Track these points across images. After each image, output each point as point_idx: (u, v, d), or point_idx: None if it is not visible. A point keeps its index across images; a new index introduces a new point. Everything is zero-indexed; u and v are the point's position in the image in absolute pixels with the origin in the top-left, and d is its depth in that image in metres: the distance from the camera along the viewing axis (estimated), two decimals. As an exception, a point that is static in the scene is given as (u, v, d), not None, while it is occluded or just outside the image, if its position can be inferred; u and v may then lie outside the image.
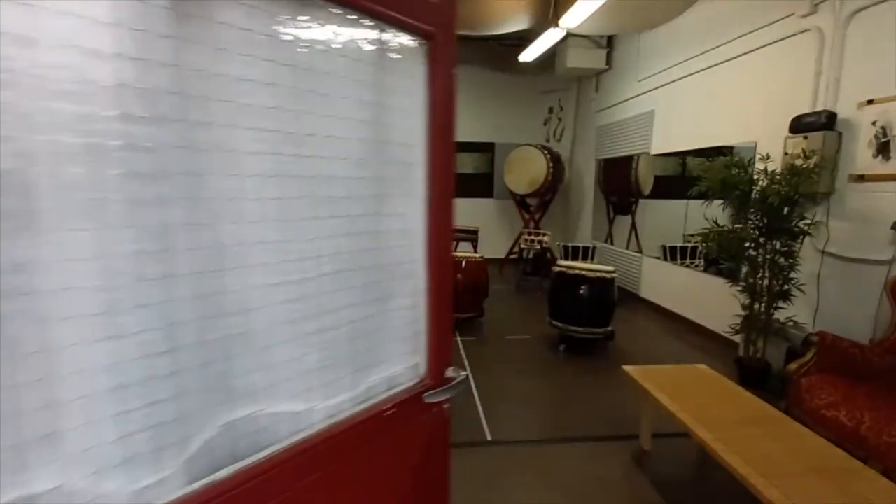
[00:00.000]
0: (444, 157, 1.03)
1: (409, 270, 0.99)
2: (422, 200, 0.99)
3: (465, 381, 1.10)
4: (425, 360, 1.03)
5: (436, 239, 1.00)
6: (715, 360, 3.74)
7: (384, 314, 0.95)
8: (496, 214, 8.08)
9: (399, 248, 0.97)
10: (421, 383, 1.02)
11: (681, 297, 4.79)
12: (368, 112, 0.88)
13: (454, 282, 3.53)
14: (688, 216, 5.33)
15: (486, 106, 7.78)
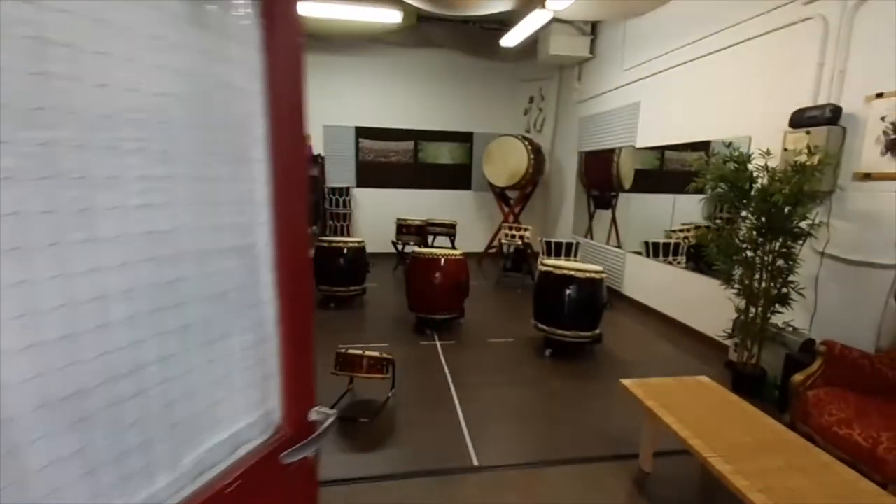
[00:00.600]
0: (291, 149, 0.82)
1: (250, 299, 0.79)
2: (265, 206, 0.78)
3: (333, 425, 0.90)
4: (280, 406, 0.84)
5: (285, 254, 0.81)
6: (705, 364, 3.59)
7: (217, 361, 0.73)
8: (474, 207, 7.80)
9: (233, 272, 0.75)
10: (275, 437, 0.83)
11: (666, 297, 4.64)
12: (180, 84, 0.63)
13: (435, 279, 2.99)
14: (668, 211, 5.20)
15: (464, 93, 7.45)
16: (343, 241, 4.67)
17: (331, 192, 6.92)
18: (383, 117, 7.26)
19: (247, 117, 0.74)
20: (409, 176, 7.47)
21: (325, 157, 7.15)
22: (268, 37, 0.74)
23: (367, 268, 4.88)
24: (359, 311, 4.66)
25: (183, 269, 0.66)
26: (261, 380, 0.81)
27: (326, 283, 4.70)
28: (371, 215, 7.43)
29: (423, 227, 6.30)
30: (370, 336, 3.95)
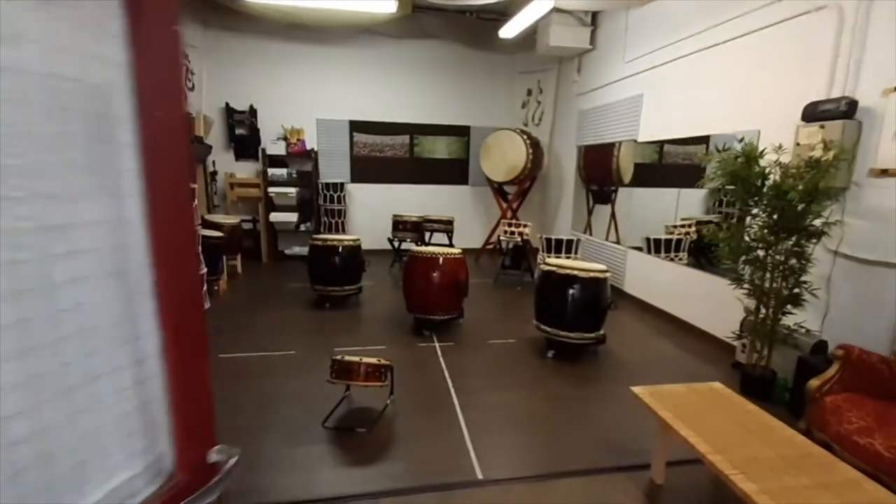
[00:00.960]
0: (171, 153, 0.71)
1: (123, 333, 0.67)
2: (138, 224, 0.67)
3: (236, 466, 0.82)
4: (172, 451, 0.75)
5: (168, 277, 0.70)
6: (711, 365, 3.50)
7: (82, 410, 0.62)
8: (472, 203, 7.66)
9: (98, 305, 0.63)
10: (168, 486, 0.73)
11: (669, 295, 4.55)
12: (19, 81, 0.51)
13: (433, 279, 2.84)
14: (668, 206, 5.09)
15: (460, 86, 7.28)
16: (337, 239, 4.52)
17: (324, 187, 6.76)
18: (378, 111, 7.09)
19: (108, 121, 0.63)
20: (404, 171, 7.32)
21: (319, 151, 6.97)
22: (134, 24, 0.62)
23: (363, 266, 4.74)
24: (355, 311, 4.53)
25: (26, 309, 0.54)
26: (144, 423, 0.71)
27: (321, 282, 4.56)
28: (366, 211, 7.28)
29: (420, 224, 6.16)
30: (367, 338, 3.83)
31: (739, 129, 3.65)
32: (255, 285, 5.46)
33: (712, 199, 4.76)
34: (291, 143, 6.61)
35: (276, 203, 6.70)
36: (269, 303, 4.73)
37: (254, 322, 4.15)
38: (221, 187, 6.76)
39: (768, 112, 3.40)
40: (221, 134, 6.74)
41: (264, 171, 6.56)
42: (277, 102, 6.79)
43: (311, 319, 4.27)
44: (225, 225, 5.46)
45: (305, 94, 6.85)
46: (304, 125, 6.85)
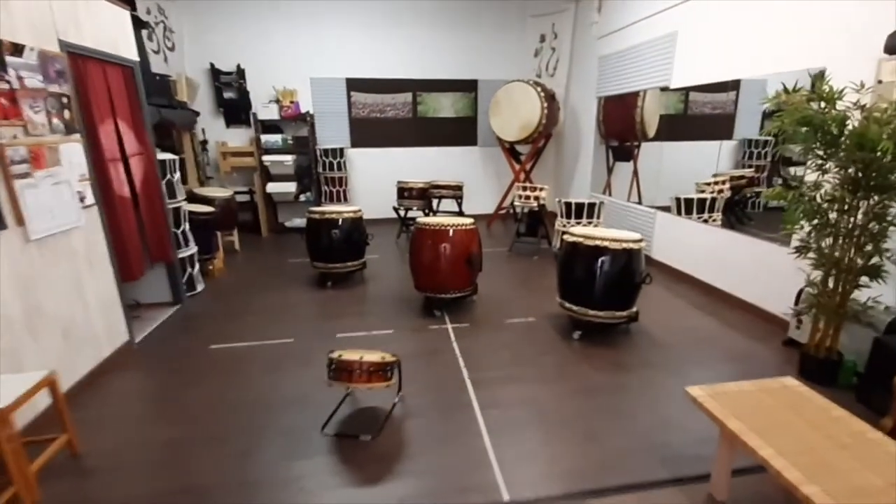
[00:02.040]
0: None
1: None
2: None
3: None
4: None
5: None
6: (760, 342, 3.10)
7: None
8: (481, 164, 7.13)
9: None
10: None
11: (704, 261, 4.10)
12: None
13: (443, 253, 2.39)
14: (695, 161, 4.57)
15: (466, 34, 6.59)
16: (336, 211, 4.10)
17: (323, 154, 6.27)
18: (376, 67, 6.47)
19: None
20: (408, 133, 6.77)
21: (315, 114, 6.44)
22: None
23: (366, 240, 4.34)
24: (359, 290, 4.18)
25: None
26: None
27: (321, 259, 4.19)
28: (369, 178, 6.81)
29: (427, 191, 5.70)
30: (372, 321, 3.48)
31: (798, 68, 3.08)
32: (253, 262, 5.11)
33: (741, 152, 4.25)
34: (284, 105, 6.08)
35: (273, 172, 6.25)
36: (267, 282, 4.39)
37: (249, 306, 3.82)
38: (214, 158, 6.32)
39: (836, 45, 2.82)
40: (208, 98, 6.22)
41: (257, 139, 6.08)
42: (267, 61, 6.21)
43: (312, 301, 3.92)
44: (217, 199, 5.06)
45: (297, 50, 6.25)
46: (297, 86, 6.29)
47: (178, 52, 5.87)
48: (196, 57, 6.06)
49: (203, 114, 6.19)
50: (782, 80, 3.13)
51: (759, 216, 3.96)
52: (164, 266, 3.80)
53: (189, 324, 3.51)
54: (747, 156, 4.16)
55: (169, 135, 5.32)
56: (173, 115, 4.80)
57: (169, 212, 3.78)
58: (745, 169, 4.24)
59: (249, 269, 4.90)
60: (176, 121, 4.82)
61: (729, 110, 4.17)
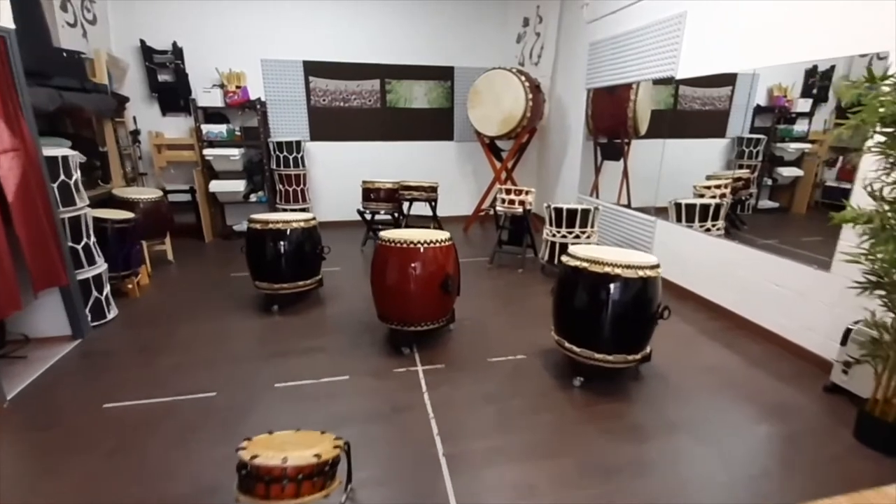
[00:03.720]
0: None
1: None
2: None
3: None
4: None
5: None
6: (794, 386, 2.56)
7: None
8: (458, 161, 6.46)
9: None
10: None
11: (713, 279, 3.56)
12: None
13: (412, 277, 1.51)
14: (686, 161, 4.10)
15: (441, 15, 5.88)
16: (283, 220, 3.37)
17: (277, 148, 5.47)
18: (339, 49, 5.69)
19: None
20: (375, 125, 6.03)
21: (267, 102, 5.62)
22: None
23: (322, 253, 3.63)
24: (312, 315, 3.46)
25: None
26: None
27: (265, 278, 3.44)
28: (331, 176, 6.04)
29: (396, 192, 4.99)
30: (323, 362, 2.78)
31: (850, 51, 2.52)
32: (189, 277, 4.31)
33: (733, 150, 3.75)
34: (229, 91, 5.24)
35: (217, 168, 5.42)
36: (200, 305, 3.62)
37: (169, 340, 3.05)
38: (148, 151, 5.43)
39: (903, 23, 2.27)
40: (140, 81, 5.32)
41: (197, 129, 5.23)
42: (209, 39, 5.35)
43: (251, 332, 3.19)
44: (141, 202, 4.22)
45: (245, 27, 5.40)
46: (244, 68, 5.45)
47: (102, 25, 4.95)
48: (123, 32, 5.15)
49: (134, 99, 5.30)
50: (801, 69, 2.59)
51: (751, 219, 3.54)
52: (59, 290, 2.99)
53: (86, 368, 2.73)
54: (740, 155, 3.69)
55: (88, 124, 4.44)
56: (84, 99, 3.93)
57: (62, 223, 2.97)
58: (741, 170, 3.80)
59: (182, 286, 4.10)
60: (86, 106, 3.95)
61: (722, 106, 3.70)
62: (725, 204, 3.82)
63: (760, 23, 3.05)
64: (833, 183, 2.81)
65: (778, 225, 3.39)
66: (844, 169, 2.76)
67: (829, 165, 2.84)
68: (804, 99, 2.88)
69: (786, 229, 3.26)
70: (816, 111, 2.91)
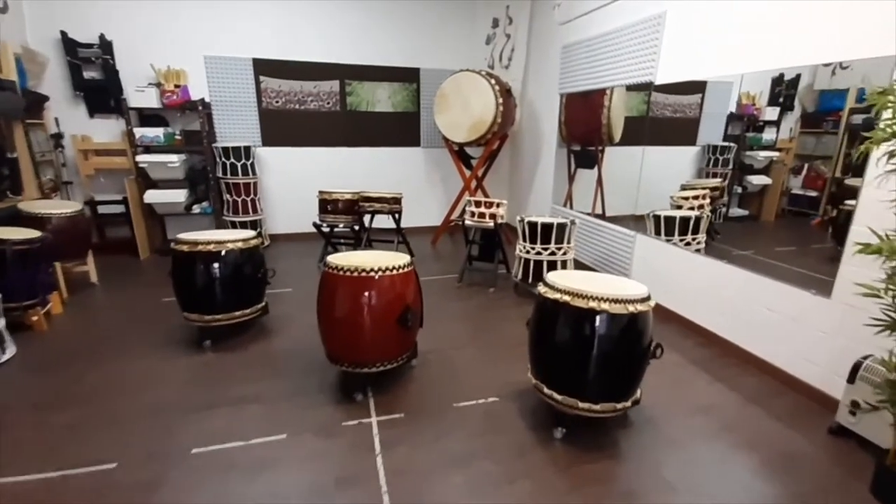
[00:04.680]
0: None
1: None
2: None
3: None
4: None
5: None
6: (796, 429, 2.28)
7: None
8: (425, 169, 6.07)
9: None
10: None
11: (698, 300, 3.29)
12: None
13: (365, 310, 1.53)
14: (659, 169, 3.89)
15: (407, 14, 5.49)
16: (216, 240, 2.88)
17: (223, 154, 4.93)
18: (293, 46, 5.21)
19: None
20: (335, 129, 5.57)
21: (212, 103, 5.08)
22: None
23: (265, 276, 3.16)
24: (252, 351, 2.98)
25: None
26: None
27: (195, 308, 2.95)
28: (285, 184, 5.54)
29: (356, 203, 4.55)
30: (257, 416, 2.32)
31: (859, 55, 2.28)
32: (112, 304, 3.74)
33: (704, 158, 3.59)
34: (167, 90, 4.68)
35: (154, 177, 4.83)
36: (117, 341, 3.08)
37: (73, 387, 2.52)
38: (72, 157, 4.79)
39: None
40: (63, 78, 4.69)
41: (130, 132, 4.64)
42: (142, 32, 4.77)
43: (175, 375, 2.68)
44: (52, 217, 3.64)
45: (185, 19, 4.86)
46: (185, 65, 4.90)
47: (14, 14, 4.32)
48: (41, 23, 4.52)
49: (55, 99, 4.67)
50: (769, 77, 2.36)
51: (723, 228, 3.40)
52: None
53: (-47, 432, 2.18)
54: (711, 163, 3.54)
55: (-7, 126, 3.81)
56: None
57: (-73, 249, 2.40)
58: (711, 178, 3.65)
59: (102, 315, 3.53)
60: None
61: (692, 114, 3.53)
62: (706, 217, 3.60)
63: (749, 23, 2.80)
64: (799, 191, 2.79)
65: (749, 233, 3.28)
66: (809, 177, 2.75)
67: (795, 173, 2.79)
68: (771, 107, 2.85)
69: (758, 238, 3.17)
70: (783, 119, 2.87)
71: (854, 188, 2.29)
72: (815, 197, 2.70)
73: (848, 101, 2.42)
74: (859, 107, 2.38)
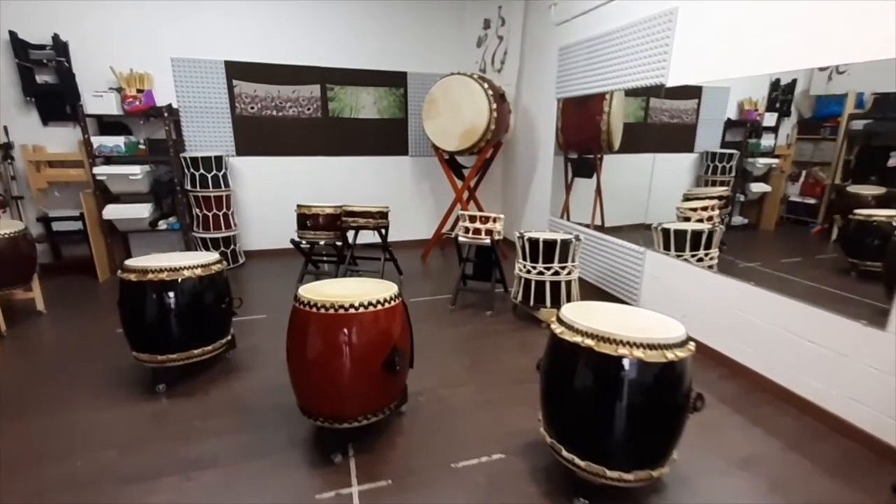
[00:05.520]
0: None
1: None
2: None
3: None
4: None
5: None
6: (851, 485, 1.92)
7: None
8: (414, 179, 5.70)
9: None
10: None
11: (720, 325, 2.95)
12: None
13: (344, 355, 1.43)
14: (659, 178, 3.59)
15: (391, 14, 5.15)
16: (170, 268, 2.46)
17: (192, 164, 4.51)
18: (270, 48, 4.83)
19: None
20: (316, 137, 5.18)
21: (180, 109, 4.67)
22: None
23: (230, 306, 2.75)
24: (211, 398, 2.55)
25: None
26: None
27: (146, 346, 2.52)
28: (262, 197, 5.13)
29: (338, 218, 4.15)
30: (208, 490, 1.90)
31: None
32: (58, 336, 3.28)
33: (703, 166, 3.39)
34: (129, 95, 4.26)
35: (115, 190, 4.39)
36: (54, 384, 2.63)
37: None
38: (23, 169, 4.33)
39: None
40: (11, 84, 4.24)
41: (86, 141, 4.20)
42: (102, 32, 4.35)
43: (115, 432, 2.25)
44: (-14, 239, 3.18)
45: (149, 18, 4.45)
46: (150, 68, 4.48)
47: (-46, 10, 3.87)
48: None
49: (3, 106, 4.22)
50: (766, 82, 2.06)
51: (726, 237, 3.20)
52: None
53: None
54: (710, 170, 3.36)
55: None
56: None
57: None
58: (715, 187, 3.43)
59: (43, 351, 3.07)
60: None
61: (689, 120, 3.35)
62: (719, 230, 3.31)
63: (767, 23, 2.49)
64: (797, 198, 2.72)
65: (752, 243, 3.12)
66: (807, 184, 2.68)
67: (793, 180, 2.72)
68: (769, 113, 2.75)
69: (761, 248, 3.04)
70: (780, 125, 2.80)
71: (859, 196, 2.11)
72: (814, 204, 2.66)
73: (847, 106, 2.32)
74: (859, 112, 2.29)
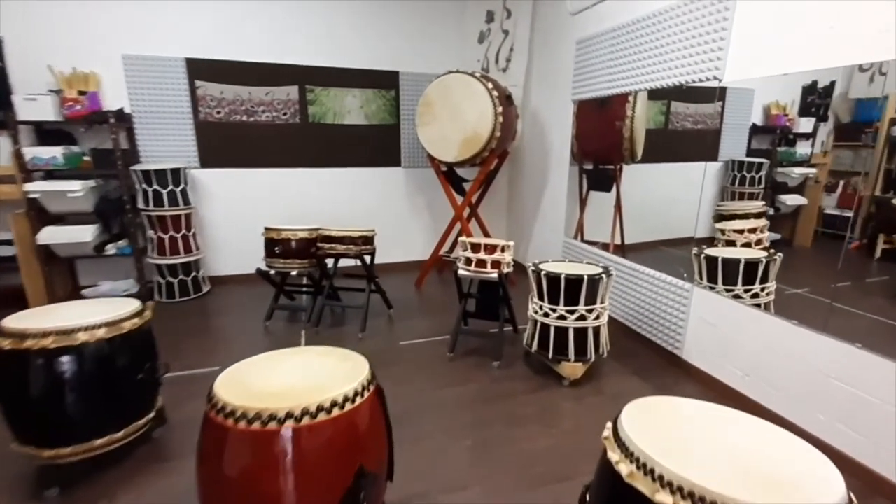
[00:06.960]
0: None
1: None
2: None
3: None
4: None
5: None
6: None
7: None
8: (407, 193, 5.03)
9: None
10: None
11: (809, 395, 2.26)
12: None
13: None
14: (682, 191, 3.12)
15: (383, 10, 4.51)
16: (59, 330, 1.78)
17: (144, 178, 3.84)
18: (238, 43, 4.17)
19: None
20: (292, 146, 4.51)
21: (134, 114, 4.01)
22: None
23: (153, 374, 2.06)
24: (125, 501, 1.86)
25: None
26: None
27: (33, 438, 1.83)
28: (231, 216, 4.46)
29: (313, 244, 3.46)
30: None
31: None
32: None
33: (728, 176, 2.95)
34: (68, 99, 3.60)
35: (52, 210, 3.72)
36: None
37: None
38: (-55, 184, 3.66)
39: None
40: (-71, 83, 3.58)
41: (17, 152, 3.54)
42: (38, 25, 3.70)
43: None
44: None
45: (97, 9, 3.80)
46: (98, 67, 3.83)
47: None
48: None
49: (-80, 109, 3.55)
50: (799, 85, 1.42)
51: None
52: None
53: None
54: (737, 181, 2.96)
55: None
56: None
57: None
58: (751, 201, 2.93)
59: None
60: None
61: (713, 125, 2.91)
62: (778, 259, 2.70)
63: None
64: (834, 210, 2.47)
65: (790, 262, 2.66)
66: (845, 194, 2.42)
67: (829, 191, 2.45)
68: (805, 118, 2.46)
69: (803, 269, 2.64)
70: (817, 131, 2.51)
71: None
72: (852, 218, 2.40)
73: (888, 110, 2.07)
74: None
